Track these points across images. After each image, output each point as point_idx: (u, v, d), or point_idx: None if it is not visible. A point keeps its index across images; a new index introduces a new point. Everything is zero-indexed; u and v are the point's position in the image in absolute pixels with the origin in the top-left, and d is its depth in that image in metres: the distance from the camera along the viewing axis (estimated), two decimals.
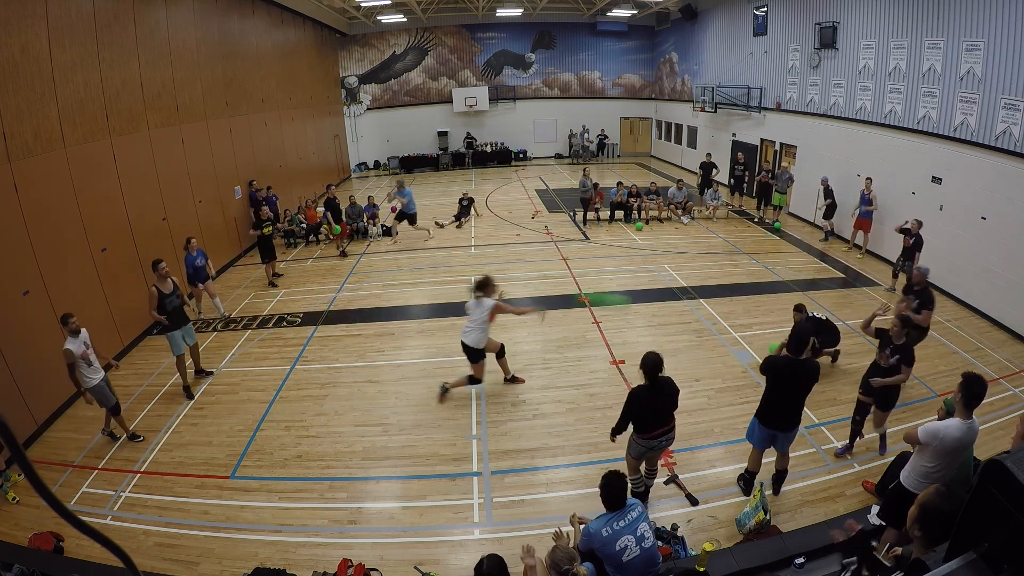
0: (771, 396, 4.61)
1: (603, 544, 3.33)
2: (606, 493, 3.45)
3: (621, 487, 3.45)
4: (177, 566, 4.40)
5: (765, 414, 4.68)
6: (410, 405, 6.53)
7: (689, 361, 6.99)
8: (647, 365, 4.32)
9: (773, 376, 4.55)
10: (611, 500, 3.44)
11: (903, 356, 5.06)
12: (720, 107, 16.81)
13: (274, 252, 10.58)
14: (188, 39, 10.36)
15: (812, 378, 4.48)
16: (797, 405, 4.57)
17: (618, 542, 3.32)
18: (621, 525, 3.36)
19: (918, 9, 9.45)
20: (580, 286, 9.83)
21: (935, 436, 3.59)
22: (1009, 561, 1.61)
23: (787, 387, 4.51)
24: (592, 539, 3.38)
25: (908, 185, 9.93)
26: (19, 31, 6.32)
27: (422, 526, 4.80)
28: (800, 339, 4.44)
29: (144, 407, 6.68)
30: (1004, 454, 1.73)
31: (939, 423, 3.69)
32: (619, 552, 3.31)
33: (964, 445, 3.61)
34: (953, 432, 3.57)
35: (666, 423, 4.48)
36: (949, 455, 3.62)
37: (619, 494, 3.43)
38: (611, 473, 3.50)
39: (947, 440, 3.56)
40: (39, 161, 6.60)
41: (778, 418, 4.62)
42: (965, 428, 3.57)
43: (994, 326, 8.19)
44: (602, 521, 3.42)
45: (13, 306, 6.07)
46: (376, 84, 23.12)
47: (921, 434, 3.65)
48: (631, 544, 3.32)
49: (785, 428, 4.64)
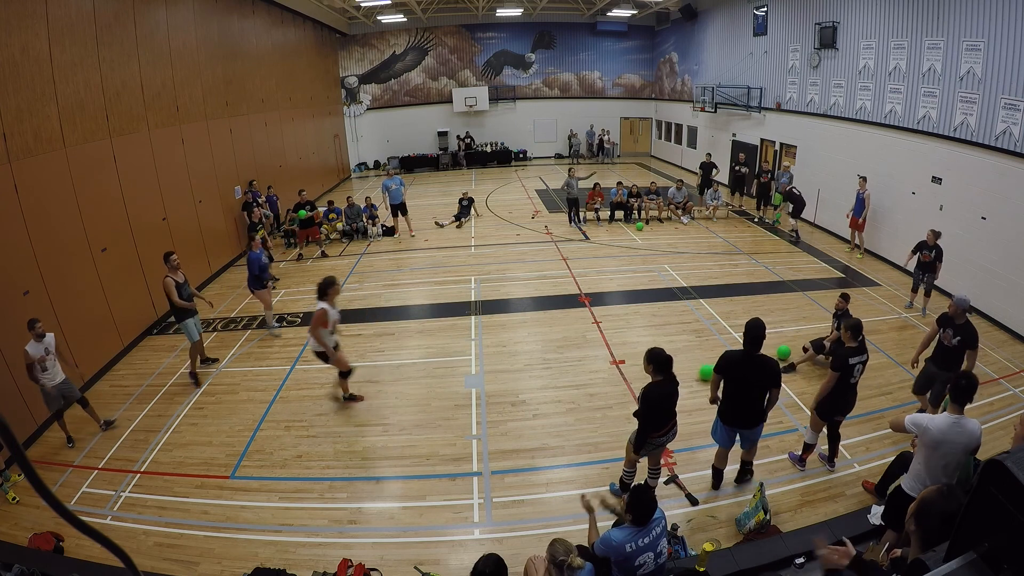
0: (731, 393, 4.54)
1: (624, 558, 3.26)
2: (637, 508, 3.30)
3: (651, 502, 3.32)
4: (177, 566, 4.40)
5: (726, 412, 4.63)
6: (410, 405, 6.53)
7: (689, 361, 6.99)
8: (660, 361, 4.24)
9: (731, 373, 4.48)
10: (642, 516, 3.30)
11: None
12: (720, 107, 16.81)
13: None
14: (188, 39, 10.36)
15: (770, 373, 4.39)
16: (757, 401, 4.50)
17: (639, 559, 3.26)
18: (645, 542, 3.28)
19: (918, 9, 9.45)
20: (581, 286, 9.83)
21: (918, 426, 3.56)
22: (1009, 561, 1.60)
23: (745, 383, 4.45)
24: (614, 552, 3.28)
25: (908, 185, 9.93)
26: (19, 31, 6.32)
27: (422, 526, 4.80)
28: (755, 335, 4.34)
29: (144, 407, 6.68)
30: (1004, 454, 1.73)
31: (925, 415, 3.66)
32: (637, 567, 3.26)
33: (950, 442, 3.47)
34: (938, 424, 3.49)
35: (673, 417, 4.48)
36: (933, 450, 3.52)
37: (649, 510, 3.31)
38: (642, 488, 3.39)
39: (931, 432, 3.49)
40: (39, 161, 6.60)
41: (739, 416, 4.57)
42: (950, 423, 3.47)
43: (994, 326, 8.19)
44: (627, 535, 3.29)
45: (13, 306, 6.07)
46: (376, 84, 23.12)
47: (907, 422, 3.63)
48: (649, 560, 3.29)
49: (748, 425, 4.60)
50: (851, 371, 4.72)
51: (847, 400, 4.92)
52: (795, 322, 8.23)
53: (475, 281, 10.31)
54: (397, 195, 12.96)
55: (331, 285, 6.01)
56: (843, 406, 4.94)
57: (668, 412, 4.41)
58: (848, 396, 4.91)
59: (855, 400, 5.03)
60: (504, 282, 10.26)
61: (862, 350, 4.79)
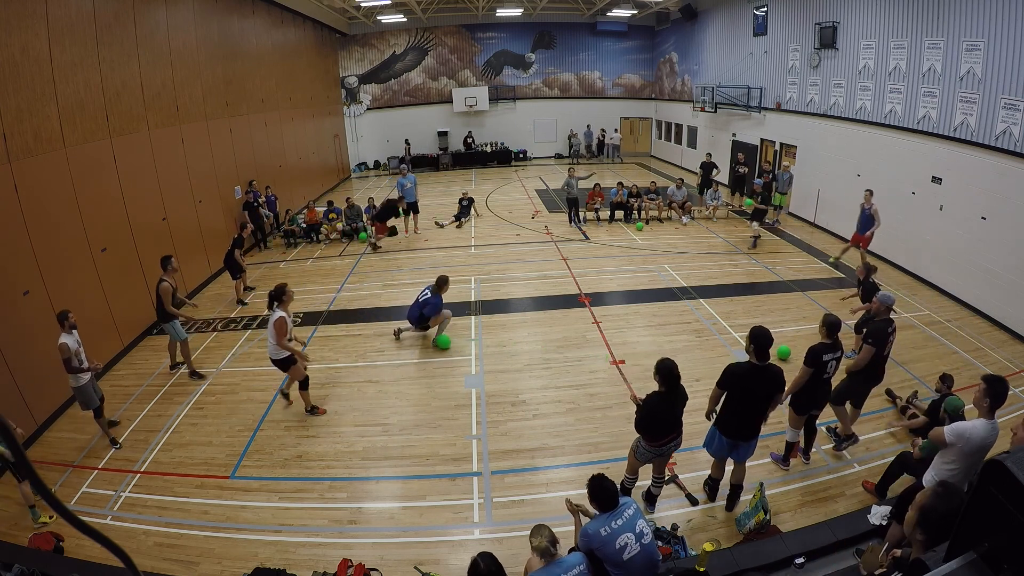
0: (733, 405, 4.45)
1: (602, 544, 3.31)
2: (599, 495, 3.41)
3: (611, 487, 3.42)
4: (177, 566, 4.40)
5: (727, 424, 4.52)
6: (410, 405, 6.53)
7: (689, 361, 6.98)
8: (666, 373, 4.18)
9: (737, 385, 4.37)
10: (604, 501, 3.41)
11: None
12: (720, 107, 16.81)
13: (242, 266, 9.78)
14: (188, 39, 10.36)
15: (776, 382, 4.35)
16: (760, 414, 4.43)
17: (617, 540, 3.29)
18: (619, 523, 3.34)
19: (918, 9, 9.46)
20: (581, 286, 9.83)
21: (961, 436, 3.61)
22: (1009, 561, 1.61)
23: (752, 395, 4.36)
24: (591, 540, 3.35)
25: (908, 185, 9.93)
26: (19, 31, 6.32)
27: (422, 526, 4.80)
28: (763, 343, 4.26)
29: (144, 407, 6.67)
30: (1004, 454, 1.74)
31: (965, 423, 3.69)
32: (619, 550, 3.29)
33: (988, 446, 3.63)
34: (979, 432, 3.60)
35: (675, 429, 4.40)
36: (973, 455, 3.62)
37: (611, 494, 3.40)
38: (597, 476, 3.49)
39: (974, 440, 3.58)
40: (39, 161, 6.60)
41: (740, 428, 4.48)
42: (989, 428, 3.62)
43: (994, 326, 8.19)
44: (599, 522, 3.39)
45: (13, 306, 6.07)
46: (376, 84, 23.12)
47: (947, 434, 3.65)
48: (631, 542, 3.31)
49: (747, 438, 4.51)
50: (824, 367, 4.75)
51: (822, 394, 5.00)
52: (795, 322, 8.23)
53: (475, 281, 10.31)
54: (411, 194, 12.98)
55: (284, 292, 5.94)
56: (819, 401, 5.02)
57: (667, 424, 4.32)
58: (823, 390, 4.97)
59: (830, 393, 5.14)
60: (504, 282, 10.26)
61: (837, 347, 4.81)
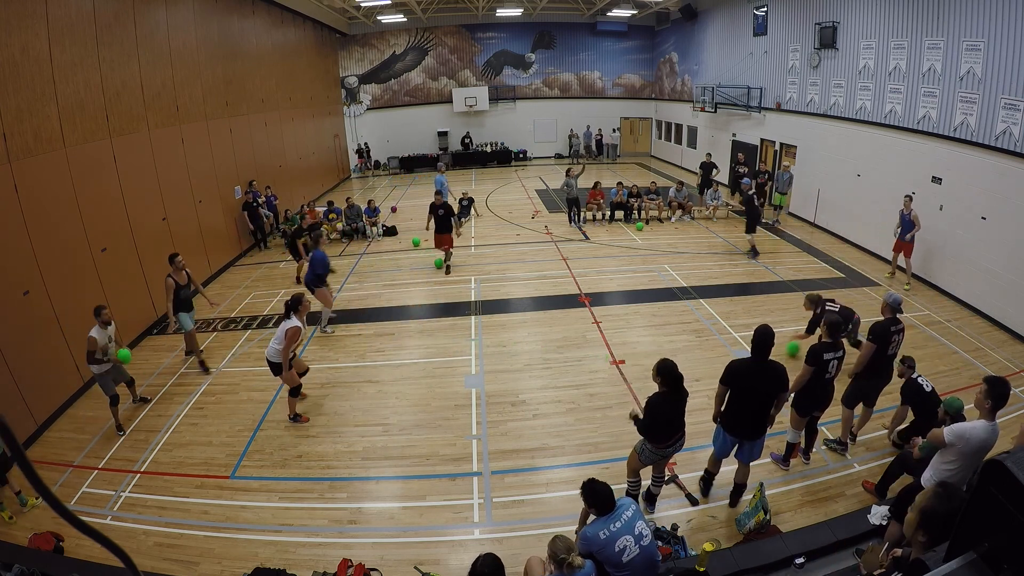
0: (736, 403, 4.44)
1: (602, 547, 3.30)
2: (595, 500, 3.41)
3: (604, 489, 3.42)
4: (177, 566, 4.40)
5: (730, 422, 4.51)
6: (410, 405, 6.53)
7: (689, 361, 6.98)
8: (669, 374, 4.15)
9: (738, 382, 4.36)
10: (601, 505, 3.40)
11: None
12: (720, 107, 16.81)
13: (302, 253, 9.86)
14: (188, 39, 10.36)
15: (779, 380, 4.33)
16: (764, 410, 4.41)
17: (617, 543, 3.29)
18: (618, 526, 3.33)
19: (918, 9, 9.45)
20: (581, 286, 9.83)
21: (960, 437, 3.61)
22: (1009, 561, 1.61)
23: (753, 393, 4.35)
24: (590, 543, 3.33)
25: (908, 185, 9.93)
26: (19, 31, 6.32)
27: (422, 526, 4.80)
28: (763, 342, 4.23)
29: (144, 407, 6.67)
30: (1004, 454, 1.74)
31: (965, 424, 3.70)
32: (619, 553, 3.28)
33: (988, 447, 3.64)
34: (979, 433, 3.61)
35: (681, 429, 4.39)
36: (972, 456, 3.63)
37: (606, 497, 3.39)
38: (589, 480, 3.49)
39: (973, 440, 3.58)
40: (39, 161, 6.60)
41: (744, 425, 4.46)
42: (990, 429, 3.62)
43: (994, 326, 8.19)
44: (598, 525, 3.38)
45: (13, 306, 6.07)
46: (376, 84, 23.12)
47: (947, 434, 3.65)
48: (630, 544, 3.30)
49: (752, 436, 4.49)
50: (826, 367, 4.76)
51: (824, 395, 5.00)
52: (795, 322, 8.21)
53: (475, 281, 10.31)
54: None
55: (300, 302, 5.98)
56: (821, 401, 5.02)
57: (671, 424, 4.30)
58: (825, 391, 4.98)
59: (832, 394, 5.12)
60: (504, 282, 10.26)
61: (838, 347, 4.82)
